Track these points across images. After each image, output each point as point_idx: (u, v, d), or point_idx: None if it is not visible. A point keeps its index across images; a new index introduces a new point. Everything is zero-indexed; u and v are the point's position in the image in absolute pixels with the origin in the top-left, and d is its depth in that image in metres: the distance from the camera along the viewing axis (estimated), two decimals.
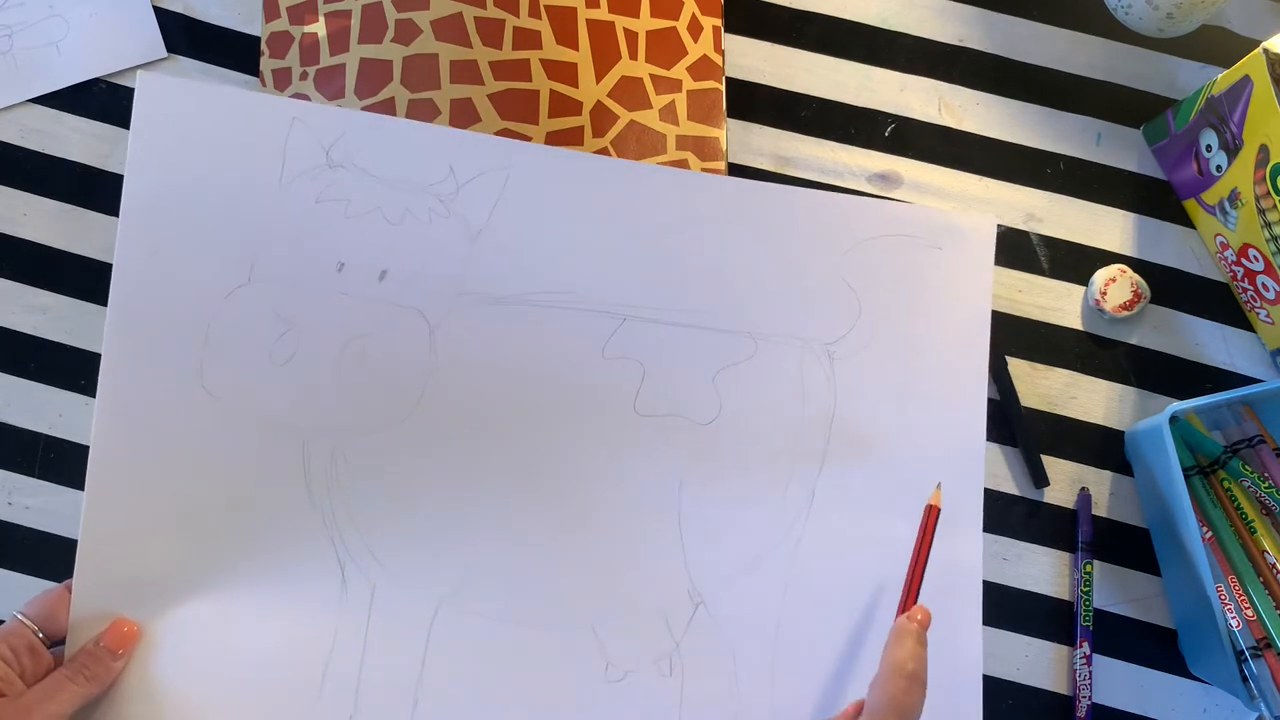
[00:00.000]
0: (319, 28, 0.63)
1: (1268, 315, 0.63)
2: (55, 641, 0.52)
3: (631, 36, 0.64)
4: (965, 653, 0.57)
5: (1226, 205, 0.62)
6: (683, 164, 0.63)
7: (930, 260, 0.59)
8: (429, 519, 0.55)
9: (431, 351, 0.55)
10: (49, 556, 0.60)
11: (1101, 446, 0.64)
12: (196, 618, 0.53)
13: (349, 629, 0.54)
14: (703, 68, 0.65)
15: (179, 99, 0.55)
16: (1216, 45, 0.68)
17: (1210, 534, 0.60)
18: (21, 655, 0.49)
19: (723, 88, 0.65)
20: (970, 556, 0.58)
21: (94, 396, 0.61)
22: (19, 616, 0.50)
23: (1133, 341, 0.65)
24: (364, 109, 0.61)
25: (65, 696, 0.48)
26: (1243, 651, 0.57)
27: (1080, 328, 0.65)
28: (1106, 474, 0.64)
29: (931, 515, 0.53)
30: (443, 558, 0.55)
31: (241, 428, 0.54)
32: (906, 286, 0.59)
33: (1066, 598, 0.62)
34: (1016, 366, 0.64)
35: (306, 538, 0.54)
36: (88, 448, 0.60)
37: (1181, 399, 0.61)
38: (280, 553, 0.54)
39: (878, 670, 0.48)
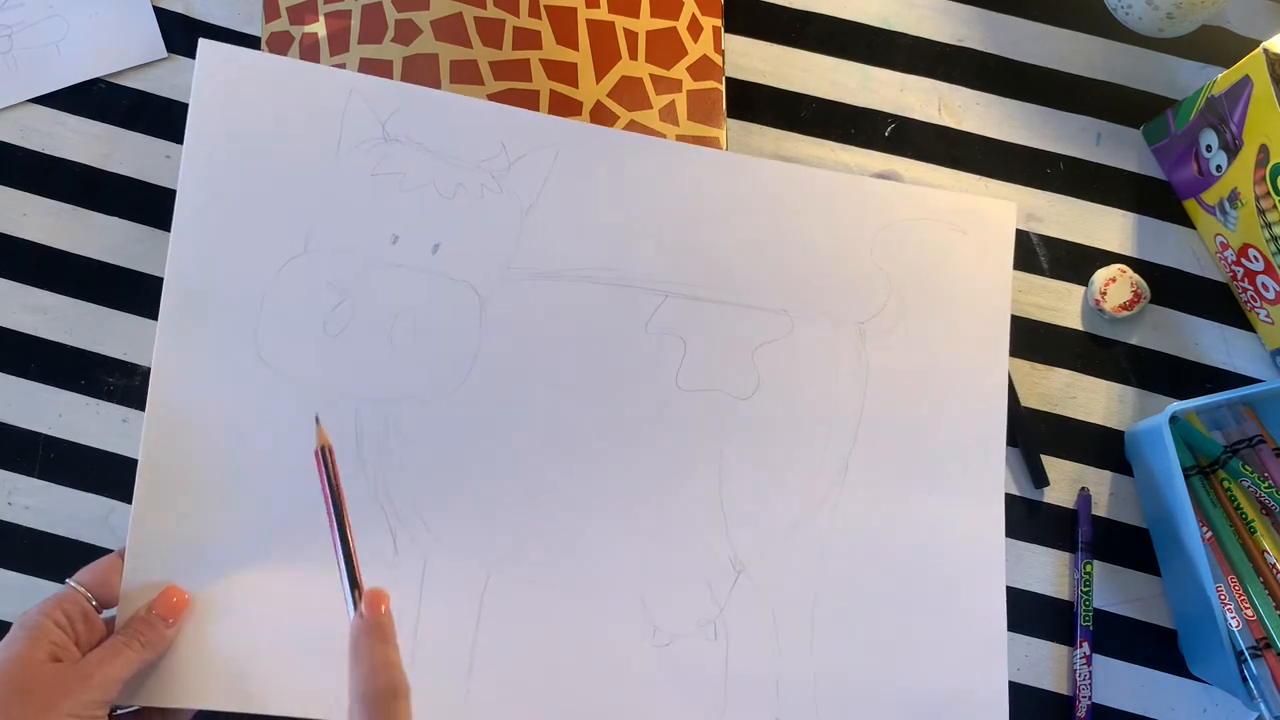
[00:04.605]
0: (319, 28, 0.63)
1: (1268, 315, 0.63)
2: (107, 608, 0.52)
3: (631, 36, 0.64)
4: (990, 626, 0.57)
5: (1226, 205, 0.62)
6: None
7: (954, 243, 0.61)
8: (480, 487, 0.56)
9: (482, 324, 0.57)
10: (49, 556, 0.60)
11: (1101, 446, 0.64)
12: (247, 585, 0.53)
13: (402, 596, 0.54)
14: (703, 68, 0.65)
15: (239, 68, 0.56)
16: (1216, 45, 0.68)
17: (1210, 534, 0.60)
18: (76, 622, 0.49)
19: (723, 88, 0.65)
20: (992, 526, 0.59)
21: (94, 397, 0.61)
22: (72, 584, 0.50)
23: (1133, 341, 0.65)
24: None
25: (122, 661, 0.49)
26: (1242, 651, 0.57)
27: (1080, 328, 0.65)
28: (1106, 474, 0.64)
29: (330, 459, 0.48)
30: (493, 526, 0.56)
31: (295, 396, 0.55)
32: (933, 268, 0.61)
33: (1066, 598, 0.62)
34: (1016, 366, 0.64)
35: (358, 506, 0.54)
36: (88, 447, 0.60)
37: (1181, 399, 0.61)
38: None
39: (348, 699, 0.44)
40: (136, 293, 0.62)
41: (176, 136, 0.63)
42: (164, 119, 0.64)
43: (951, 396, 0.59)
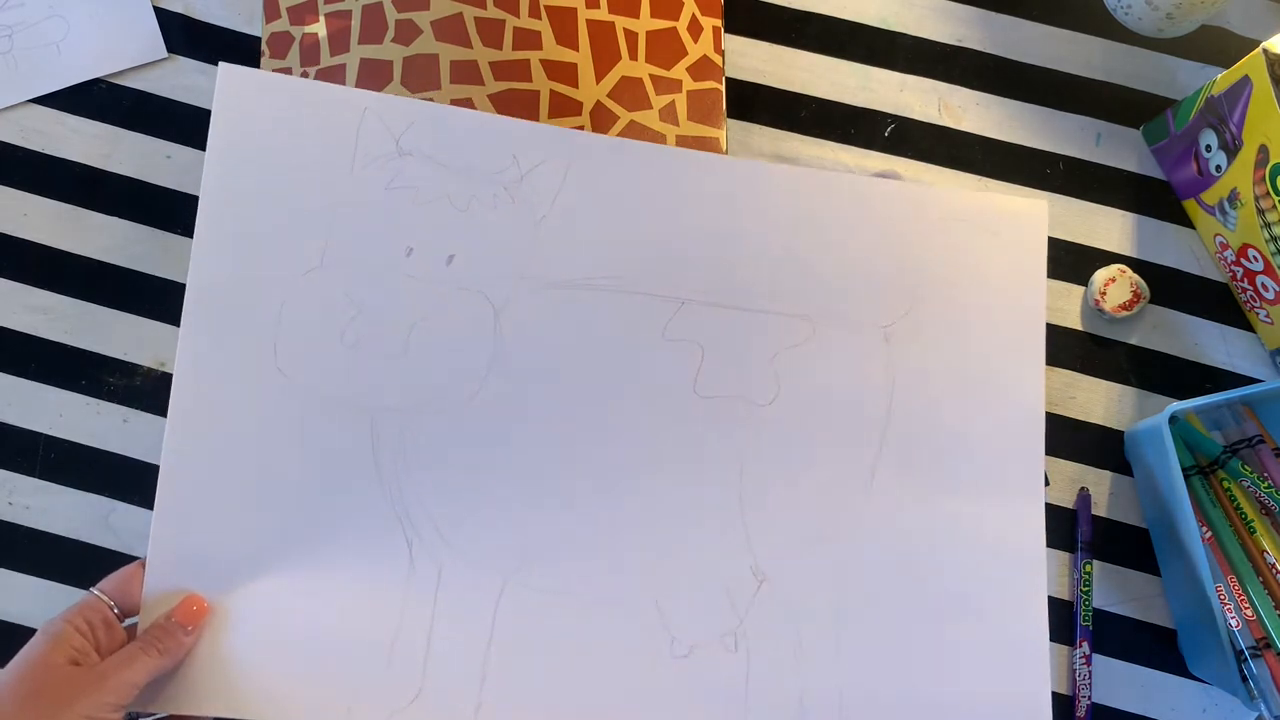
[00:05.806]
0: (319, 28, 0.63)
1: (1267, 315, 0.63)
2: (129, 616, 0.53)
3: (631, 37, 0.64)
4: (1031, 636, 0.56)
5: (1226, 205, 0.62)
6: None
7: (985, 244, 0.60)
8: (495, 497, 0.56)
9: (496, 333, 0.57)
10: (49, 556, 0.60)
11: (1101, 446, 0.64)
12: (266, 594, 0.54)
13: (416, 605, 0.54)
14: (703, 68, 0.65)
15: (257, 89, 0.57)
16: (1216, 45, 0.68)
17: (1210, 534, 0.60)
18: (97, 628, 0.50)
19: (723, 88, 0.65)
20: (1031, 531, 0.57)
21: (94, 397, 0.61)
22: (95, 592, 0.51)
23: (1132, 341, 0.65)
24: None
25: (139, 667, 0.49)
26: (1242, 651, 0.57)
27: (1080, 328, 0.65)
28: (1106, 474, 0.64)
29: None
30: (508, 535, 0.56)
31: (312, 407, 0.55)
32: (962, 270, 0.59)
33: (1066, 597, 0.62)
34: None
35: (374, 516, 0.55)
36: (88, 447, 0.60)
37: (1181, 399, 0.61)
38: (349, 531, 0.54)
39: None
40: (137, 293, 0.62)
41: (177, 136, 0.64)
42: (164, 119, 0.64)
43: (984, 400, 0.58)
